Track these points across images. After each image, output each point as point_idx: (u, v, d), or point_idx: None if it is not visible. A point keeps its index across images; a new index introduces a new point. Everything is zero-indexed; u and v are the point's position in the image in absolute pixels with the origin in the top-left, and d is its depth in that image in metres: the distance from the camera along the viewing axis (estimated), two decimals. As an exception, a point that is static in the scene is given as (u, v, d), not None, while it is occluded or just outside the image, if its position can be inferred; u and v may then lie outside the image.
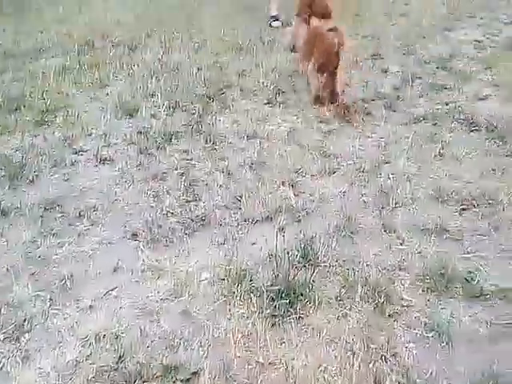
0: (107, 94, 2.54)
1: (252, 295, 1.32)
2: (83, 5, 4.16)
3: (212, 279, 1.40)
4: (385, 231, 1.59)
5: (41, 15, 3.88)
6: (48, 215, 1.67)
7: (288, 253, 1.48)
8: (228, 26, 3.66)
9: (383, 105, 2.49)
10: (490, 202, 1.69)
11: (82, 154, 2.02)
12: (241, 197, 1.75)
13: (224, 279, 1.39)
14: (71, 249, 1.52)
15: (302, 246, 1.49)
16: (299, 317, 1.28)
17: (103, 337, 1.21)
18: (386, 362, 1.14)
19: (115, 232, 1.59)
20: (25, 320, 1.27)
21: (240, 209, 1.70)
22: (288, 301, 1.30)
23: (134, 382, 1.10)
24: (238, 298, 1.32)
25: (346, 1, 4.35)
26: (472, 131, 2.20)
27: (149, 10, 4.08)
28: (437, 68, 2.94)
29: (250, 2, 4.37)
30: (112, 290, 1.37)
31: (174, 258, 1.49)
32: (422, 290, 1.35)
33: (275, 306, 1.29)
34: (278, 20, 3.95)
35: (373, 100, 2.55)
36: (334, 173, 1.93)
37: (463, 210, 1.67)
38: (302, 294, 1.32)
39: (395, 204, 1.71)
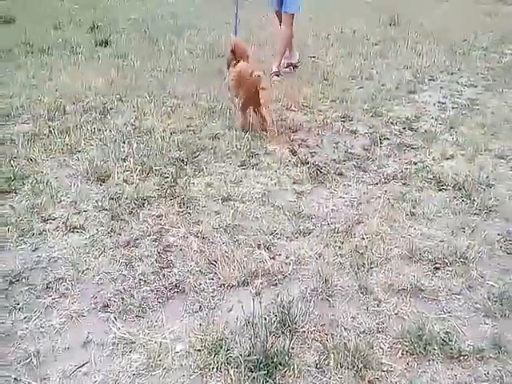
0: (78, 159, 2.61)
1: (229, 366, 1.34)
2: (54, 70, 4.35)
3: (187, 351, 1.41)
4: (361, 293, 1.67)
5: (11, 80, 4.03)
6: (13, 288, 1.66)
7: (265, 319, 1.52)
8: (201, 90, 3.89)
9: (354, 165, 2.67)
10: (462, 260, 1.82)
11: (50, 223, 2.04)
12: (216, 261, 1.81)
13: (200, 350, 1.40)
14: (38, 323, 1.51)
15: (280, 311, 1.54)
16: (279, 387, 1.30)
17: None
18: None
19: (85, 304, 1.60)
20: (-15, 405, 1.24)
21: (215, 274, 1.75)
22: (267, 371, 1.32)
23: None
24: (215, 370, 1.34)
25: (314, 66, 4.75)
26: (440, 190, 2.38)
27: (121, 74, 4.31)
28: (403, 129, 3.21)
29: (222, 65, 4.69)
30: (81, 366, 1.36)
31: (147, 329, 1.50)
32: (401, 354, 1.41)
33: (254, 378, 1.31)
34: (278, 76, 4.35)
35: (344, 161, 2.73)
36: (309, 234, 2.02)
37: (437, 268, 1.78)
38: (280, 364, 1.35)
39: (370, 264, 1.80)
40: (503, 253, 1.87)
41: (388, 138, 3.06)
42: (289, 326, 1.50)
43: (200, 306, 1.61)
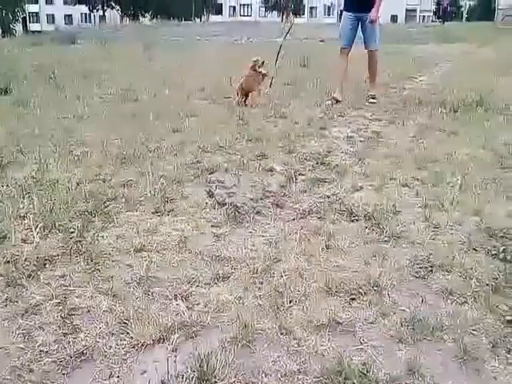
0: (-32, 222, 2.40)
1: None
2: None
3: (95, 426, 1.31)
4: (281, 333, 1.67)
5: None
6: None
7: (183, 376, 1.46)
8: (112, 136, 3.83)
9: (271, 203, 2.75)
10: (376, 288, 1.91)
11: None
12: (128, 320, 1.72)
13: (109, 423, 1.31)
14: None
15: (198, 366, 1.49)
16: None
17: None
18: None
19: (-28, 388, 1.43)
20: None
21: (127, 334, 1.66)
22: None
23: None
24: None
25: (230, 106, 4.91)
26: (352, 221, 2.52)
27: (21, 124, 4.11)
28: (316, 164, 3.39)
29: (136, 110, 4.68)
30: None
31: (48, 407, 1.37)
32: (322, 393, 1.42)
33: None
34: (373, 99, 5.44)
35: (261, 199, 2.80)
36: (229, 277, 2.01)
37: (352, 299, 1.85)
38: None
39: (290, 302, 1.83)
40: (412, 277, 2.00)
41: (303, 174, 3.20)
42: (208, 380, 1.45)
43: (110, 373, 1.50)
